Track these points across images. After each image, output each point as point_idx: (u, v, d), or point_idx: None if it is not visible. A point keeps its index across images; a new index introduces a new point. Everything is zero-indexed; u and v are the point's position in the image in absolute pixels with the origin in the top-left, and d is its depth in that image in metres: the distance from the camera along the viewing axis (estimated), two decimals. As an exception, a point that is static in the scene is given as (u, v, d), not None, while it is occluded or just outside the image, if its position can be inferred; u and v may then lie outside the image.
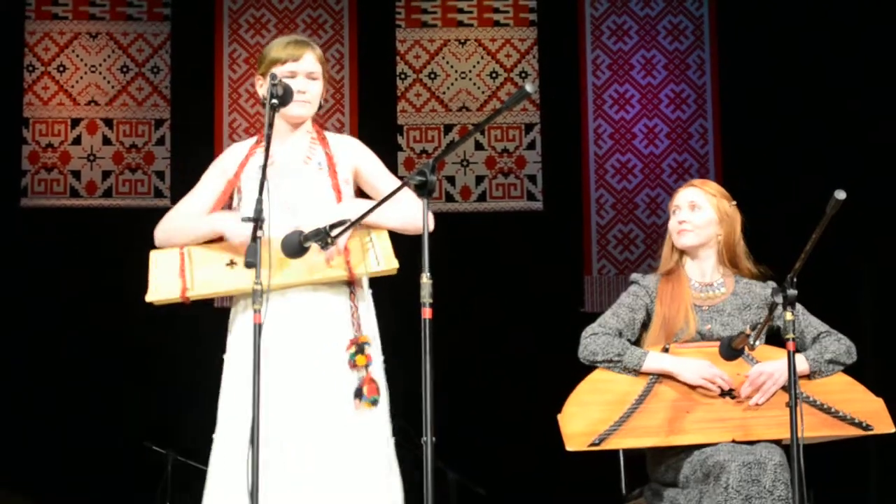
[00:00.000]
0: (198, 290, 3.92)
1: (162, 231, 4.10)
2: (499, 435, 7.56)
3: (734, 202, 4.54)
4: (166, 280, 3.93)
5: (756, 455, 4.02)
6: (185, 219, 4.07)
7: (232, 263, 3.94)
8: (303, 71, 4.05)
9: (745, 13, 7.94)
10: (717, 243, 4.51)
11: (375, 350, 4.01)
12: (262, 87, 4.12)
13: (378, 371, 3.98)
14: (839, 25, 7.78)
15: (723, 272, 4.53)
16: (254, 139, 4.19)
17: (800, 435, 3.73)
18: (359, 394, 3.91)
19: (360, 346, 3.95)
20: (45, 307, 7.53)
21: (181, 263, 3.94)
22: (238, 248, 3.92)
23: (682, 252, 4.55)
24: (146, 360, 7.34)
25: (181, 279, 3.91)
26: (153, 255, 4.01)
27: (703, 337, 4.38)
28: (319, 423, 3.86)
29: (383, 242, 4.05)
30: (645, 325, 4.50)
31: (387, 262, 4.01)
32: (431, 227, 4.03)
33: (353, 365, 3.93)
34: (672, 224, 4.53)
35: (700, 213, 4.47)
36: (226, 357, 4.07)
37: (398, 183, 4.13)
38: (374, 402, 3.91)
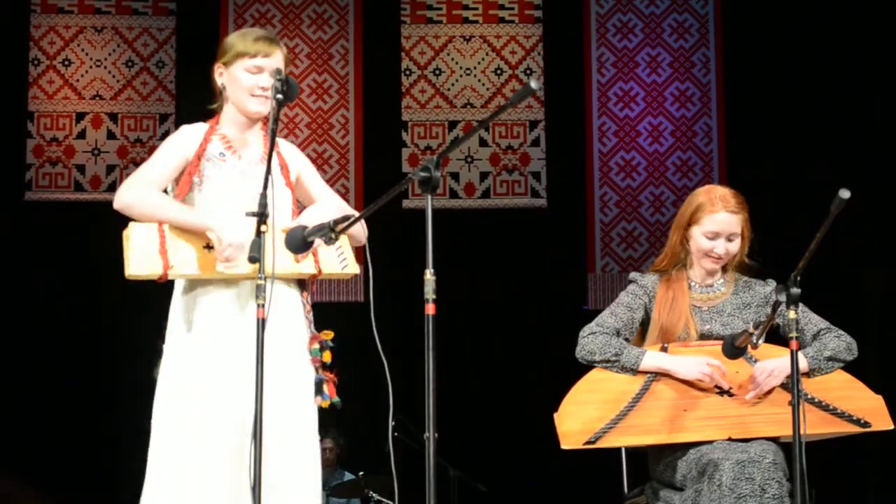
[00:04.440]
0: (178, 270, 3.90)
1: (129, 199, 3.92)
2: (501, 432, 7.57)
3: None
4: (147, 257, 3.89)
5: (750, 453, 4.01)
6: (149, 190, 3.94)
7: (209, 247, 3.92)
8: (270, 67, 4.04)
9: (751, 11, 7.94)
10: (736, 256, 4.49)
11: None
12: (222, 77, 4.12)
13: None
14: (844, 25, 7.78)
15: (724, 273, 4.52)
16: (206, 125, 4.16)
17: (801, 433, 3.73)
18: (319, 390, 3.92)
19: (322, 343, 3.96)
20: (48, 299, 7.54)
21: (161, 240, 3.91)
22: (215, 238, 3.90)
23: (688, 254, 4.52)
24: (148, 350, 7.34)
25: (163, 257, 3.89)
26: (131, 228, 3.94)
27: (702, 337, 4.38)
28: (275, 417, 3.85)
29: (347, 246, 4.07)
30: (644, 324, 4.49)
31: (351, 266, 4.05)
32: (364, 240, 4.06)
33: (318, 361, 3.94)
34: (704, 245, 4.40)
35: (735, 242, 4.43)
36: (167, 346, 4.04)
37: (331, 191, 4.21)
38: (336, 405, 3.93)
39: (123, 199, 3.93)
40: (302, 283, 4.05)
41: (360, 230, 4.09)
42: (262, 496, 3.55)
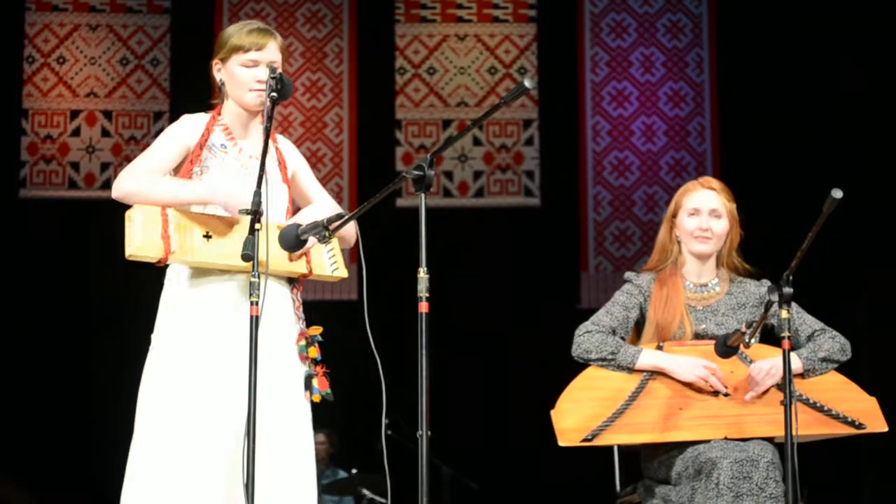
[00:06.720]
0: (178, 256, 3.89)
1: (125, 185, 3.88)
2: (493, 431, 7.58)
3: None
4: (149, 238, 3.87)
5: (748, 452, 4.03)
6: (150, 176, 3.94)
7: (208, 236, 3.92)
8: (265, 60, 4.02)
9: (744, 11, 7.95)
10: (724, 247, 4.49)
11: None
12: (220, 73, 4.10)
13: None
14: (838, 24, 7.79)
15: (718, 272, 4.53)
16: (207, 116, 4.15)
17: (794, 433, 3.74)
18: (308, 385, 3.92)
19: (309, 339, 3.96)
20: (43, 297, 7.54)
21: (164, 224, 3.90)
22: (224, 207, 3.88)
23: (680, 251, 4.53)
24: (144, 349, 7.34)
25: (164, 241, 3.87)
26: (134, 210, 3.91)
27: (697, 336, 4.38)
28: (270, 413, 3.85)
29: (338, 248, 4.07)
30: (639, 324, 4.49)
31: (340, 269, 4.05)
32: (352, 242, 4.07)
33: (305, 357, 3.94)
34: (689, 226, 4.42)
35: (720, 222, 4.42)
36: (155, 338, 4.01)
37: (325, 191, 4.18)
38: (328, 396, 3.93)
39: (123, 187, 3.89)
40: (292, 280, 4.05)
41: (352, 231, 4.09)
42: (257, 495, 3.54)
